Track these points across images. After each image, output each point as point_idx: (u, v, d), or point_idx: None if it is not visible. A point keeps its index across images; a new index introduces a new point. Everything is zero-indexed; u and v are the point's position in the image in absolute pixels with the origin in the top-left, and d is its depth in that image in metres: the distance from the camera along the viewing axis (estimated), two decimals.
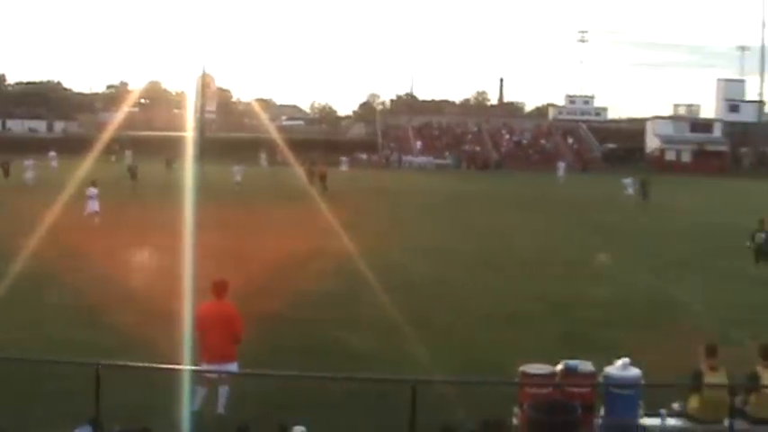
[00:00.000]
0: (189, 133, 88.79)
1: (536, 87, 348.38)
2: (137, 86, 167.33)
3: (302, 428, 10.46)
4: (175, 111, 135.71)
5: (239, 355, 13.14)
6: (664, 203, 52.87)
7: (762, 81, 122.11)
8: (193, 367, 12.79)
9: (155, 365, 11.64)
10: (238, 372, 13.08)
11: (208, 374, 12.80)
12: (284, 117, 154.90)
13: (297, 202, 45.42)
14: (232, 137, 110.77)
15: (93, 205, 37.01)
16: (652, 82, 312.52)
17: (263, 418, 12.44)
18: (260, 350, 15.53)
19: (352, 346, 17.70)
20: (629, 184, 58.11)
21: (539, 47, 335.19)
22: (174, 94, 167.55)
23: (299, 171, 64.78)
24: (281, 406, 12.87)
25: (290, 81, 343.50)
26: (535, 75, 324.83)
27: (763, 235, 28.49)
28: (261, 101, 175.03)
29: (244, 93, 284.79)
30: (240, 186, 57.83)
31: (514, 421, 12.13)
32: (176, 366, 12.51)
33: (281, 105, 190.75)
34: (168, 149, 76.78)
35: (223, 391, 12.91)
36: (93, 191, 37.24)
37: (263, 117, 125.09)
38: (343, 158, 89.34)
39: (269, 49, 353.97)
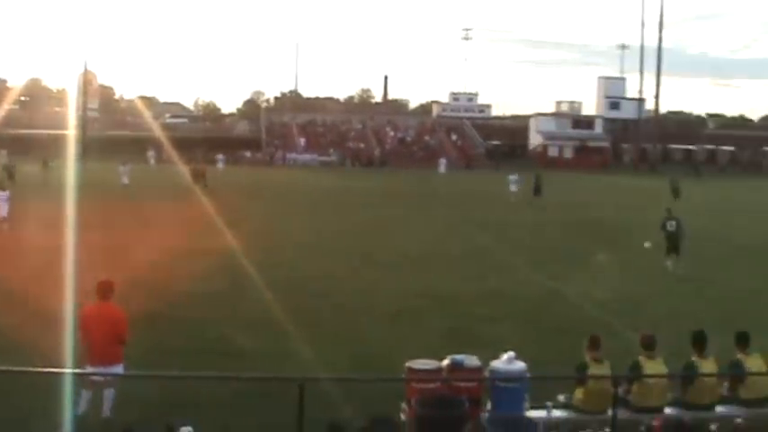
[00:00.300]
0: (71, 131, 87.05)
1: (421, 85, 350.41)
2: (16, 84, 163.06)
3: (189, 429, 10.35)
4: (57, 108, 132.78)
5: (124, 357, 12.89)
6: (549, 199, 53.68)
7: (642, 79, 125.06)
8: (77, 370, 12.53)
9: (36, 369, 11.39)
10: (124, 374, 12.84)
11: (93, 377, 12.53)
12: (168, 115, 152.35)
13: (180, 201, 44.85)
14: (115, 135, 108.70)
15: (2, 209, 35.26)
16: (536, 79, 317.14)
17: (149, 420, 12.30)
18: (145, 351, 15.32)
19: (239, 345, 17.58)
20: (514, 181, 56.31)
21: (423, 44, 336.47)
22: (55, 91, 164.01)
23: (183, 169, 64.01)
24: (168, 407, 12.71)
25: (173, 78, 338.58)
26: (420, 72, 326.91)
27: (674, 222, 28.81)
28: (144, 98, 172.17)
29: (127, 90, 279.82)
30: (127, 188, 56.73)
31: (402, 417, 12.18)
32: (59, 370, 12.27)
33: (164, 103, 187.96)
34: (49, 148, 74.95)
35: (109, 393, 12.68)
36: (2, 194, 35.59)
37: (147, 115, 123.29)
38: (220, 156, 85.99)
39: (152, 46, 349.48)
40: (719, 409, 12.73)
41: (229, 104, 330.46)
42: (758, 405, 12.70)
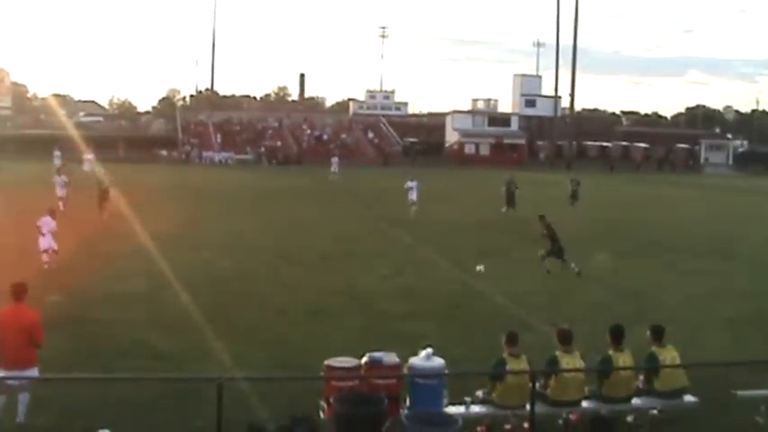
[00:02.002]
0: None
1: (337, 83, 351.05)
2: None
3: (107, 431, 10.21)
4: None
5: (40, 361, 12.62)
6: (462, 195, 53.94)
7: (557, 76, 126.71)
8: None
9: None
10: (39, 377, 12.56)
11: (6, 382, 12.24)
12: (82, 113, 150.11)
13: (91, 202, 44.11)
14: (28, 134, 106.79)
15: None
16: (453, 77, 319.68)
17: (66, 425, 12.10)
18: (62, 354, 15.09)
19: (156, 346, 17.36)
20: (412, 188, 44.37)
21: (340, 42, 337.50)
22: None
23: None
24: (86, 411, 12.54)
25: (87, 76, 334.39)
26: (337, 70, 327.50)
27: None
28: (58, 96, 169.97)
29: (40, 88, 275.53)
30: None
31: (321, 416, 12.16)
32: None
33: (78, 101, 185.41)
34: None
35: (23, 398, 12.41)
36: None
37: (61, 113, 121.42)
38: (87, 156, 66.95)
39: (66, 44, 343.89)
40: (636, 401, 12.93)
41: (145, 103, 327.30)
42: (673, 396, 12.94)
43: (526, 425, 12.02)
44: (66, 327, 17.58)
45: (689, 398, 13.09)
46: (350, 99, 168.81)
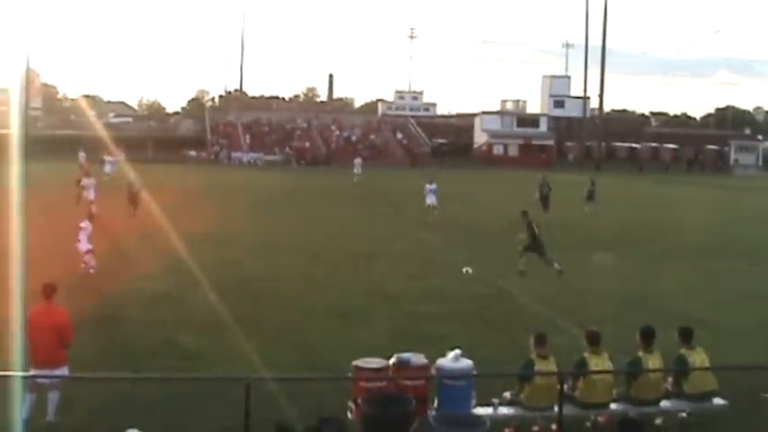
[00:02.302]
0: (13, 131, 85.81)
1: (366, 83, 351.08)
2: None
3: (135, 431, 10.25)
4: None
5: (69, 360, 12.71)
6: (490, 196, 53.84)
7: (586, 77, 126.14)
8: (21, 373, 12.35)
9: None
10: (70, 375, 12.64)
11: (37, 380, 12.34)
12: (112, 114, 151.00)
13: (123, 202, 44.31)
14: (58, 134, 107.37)
15: None
16: (481, 78, 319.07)
17: (94, 424, 12.17)
18: (91, 353, 15.19)
19: (185, 345, 17.44)
20: (431, 192, 42.56)
21: (369, 43, 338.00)
22: None
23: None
24: (114, 410, 12.61)
25: (117, 77, 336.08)
26: (365, 71, 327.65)
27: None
28: (88, 97, 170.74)
29: (70, 89, 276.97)
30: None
31: (349, 416, 12.18)
32: (3, 373, 12.09)
33: (108, 102, 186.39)
34: None
35: (53, 397, 12.49)
36: None
37: (90, 114, 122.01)
38: (108, 158, 65.54)
39: (96, 45, 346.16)
40: (664, 403, 12.88)
41: (174, 103, 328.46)
42: (702, 399, 12.88)
43: (554, 427, 11.99)
44: (96, 326, 17.70)
45: (718, 401, 13.03)
46: (378, 100, 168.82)
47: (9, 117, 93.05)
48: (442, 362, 12.47)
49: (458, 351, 12.59)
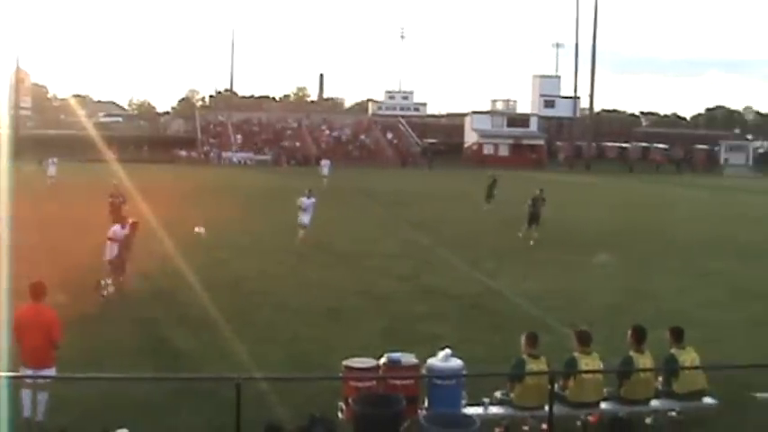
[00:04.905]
0: (2, 130, 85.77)
1: (357, 83, 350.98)
2: None
3: (125, 431, 10.24)
4: None
5: (59, 360, 12.65)
6: (480, 195, 53.74)
7: (576, 77, 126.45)
8: (11, 374, 12.28)
9: None
10: (58, 376, 12.56)
11: (27, 380, 12.26)
12: (102, 113, 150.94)
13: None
14: (48, 134, 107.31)
15: None
16: (472, 78, 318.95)
17: (84, 424, 12.14)
18: (81, 353, 15.15)
19: (175, 344, 17.45)
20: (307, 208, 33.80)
21: (359, 42, 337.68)
22: None
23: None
24: (104, 410, 12.59)
25: (107, 77, 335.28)
26: (356, 70, 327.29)
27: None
28: (78, 97, 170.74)
29: (60, 89, 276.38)
30: (55, 186, 55.76)
31: (340, 416, 12.18)
32: None
33: (98, 102, 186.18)
34: None
35: (42, 397, 12.42)
36: None
37: (80, 114, 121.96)
38: (51, 159, 60.81)
39: (86, 45, 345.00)
40: (654, 403, 12.90)
41: (164, 103, 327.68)
42: (692, 398, 12.90)
43: (544, 426, 12.00)
44: (85, 325, 17.65)
45: (708, 400, 13.05)
46: (369, 100, 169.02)
47: None
48: (432, 361, 12.47)
49: (448, 351, 12.59)
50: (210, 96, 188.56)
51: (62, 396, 12.84)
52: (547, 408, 11.54)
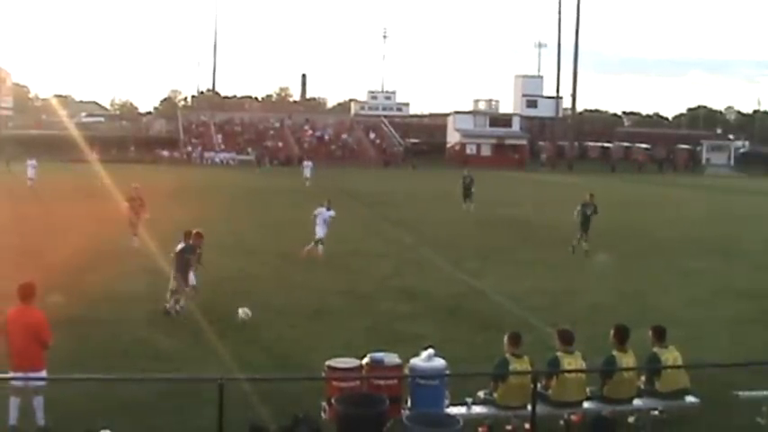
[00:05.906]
0: None
1: (339, 83, 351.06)
2: None
3: None
4: None
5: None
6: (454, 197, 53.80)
7: (558, 77, 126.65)
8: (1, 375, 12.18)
9: None
10: (43, 377, 12.45)
11: (16, 383, 12.13)
12: (84, 114, 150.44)
13: (95, 203, 44.05)
14: (30, 134, 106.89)
15: None
16: (455, 78, 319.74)
17: (67, 425, 12.08)
18: (63, 354, 15.02)
19: (158, 346, 17.36)
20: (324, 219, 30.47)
21: (341, 43, 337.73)
22: None
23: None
24: (87, 411, 12.55)
25: (89, 77, 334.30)
26: (338, 71, 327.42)
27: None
28: (59, 97, 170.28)
29: (42, 89, 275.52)
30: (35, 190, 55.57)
31: (323, 416, 12.16)
32: None
33: (80, 102, 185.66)
34: None
35: (38, 402, 12.26)
36: None
37: (62, 114, 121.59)
38: (30, 161, 58.40)
39: (67, 45, 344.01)
40: (637, 402, 12.91)
41: (147, 103, 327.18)
42: (674, 397, 12.93)
43: (527, 425, 12.01)
44: (68, 327, 17.55)
45: (690, 399, 13.08)
46: (351, 100, 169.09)
47: None
48: (415, 361, 12.47)
49: (431, 350, 12.59)
50: (193, 96, 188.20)
51: (46, 397, 12.77)
52: (530, 407, 11.54)
